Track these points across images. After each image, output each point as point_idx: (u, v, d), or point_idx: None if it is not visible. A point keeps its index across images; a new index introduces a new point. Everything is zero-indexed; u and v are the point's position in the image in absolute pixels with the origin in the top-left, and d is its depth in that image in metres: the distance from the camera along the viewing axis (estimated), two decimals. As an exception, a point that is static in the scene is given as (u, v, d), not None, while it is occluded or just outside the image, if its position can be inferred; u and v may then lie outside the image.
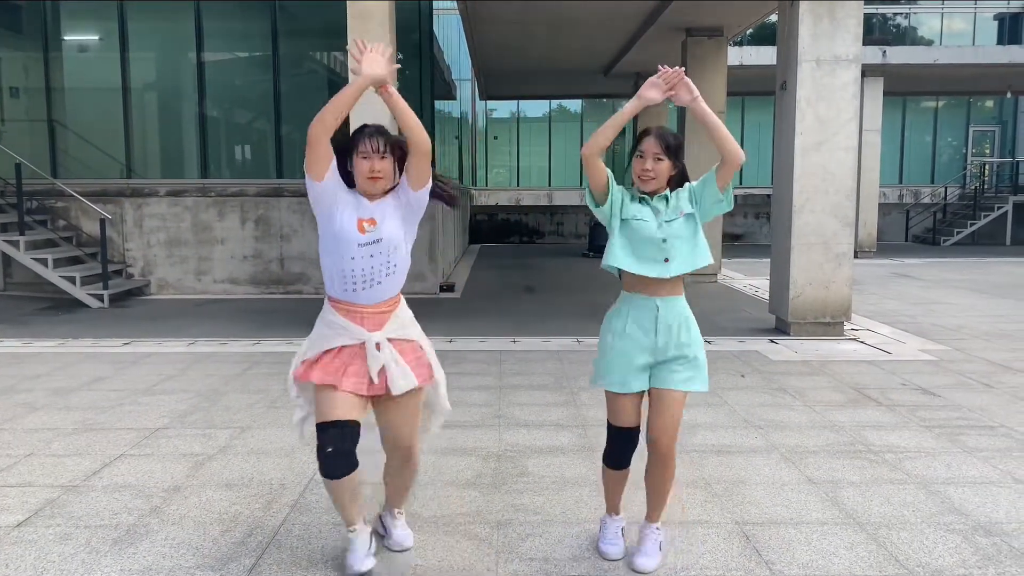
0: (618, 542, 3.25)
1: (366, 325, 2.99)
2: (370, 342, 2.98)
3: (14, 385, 6.04)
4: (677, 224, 3.05)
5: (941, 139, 25.18)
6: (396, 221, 3.03)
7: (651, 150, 3.04)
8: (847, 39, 7.80)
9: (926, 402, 5.58)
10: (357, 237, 2.96)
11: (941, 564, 3.16)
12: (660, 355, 3.06)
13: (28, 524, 3.52)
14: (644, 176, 3.05)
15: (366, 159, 2.96)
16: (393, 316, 3.06)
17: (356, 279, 2.97)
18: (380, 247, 2.98)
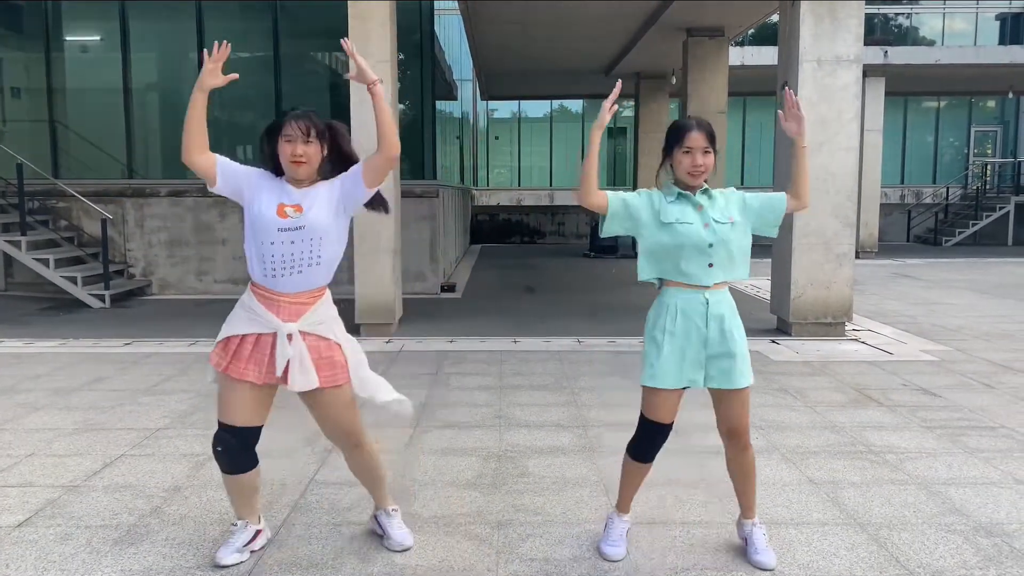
0: (621, 544, 3.24)
1: (281, 314, 2.94)
2: (281, 333, 2.92)
3: (15, 385, 6.05)
4: (726, 228, 3.03)
5: (943, 139, 25.16)
6: (326, 211, 2.98)
7: (699, 144, 3.00)
8: (848, 39, 7.79)
9: (927, 403, 5.57)
10: (277, 222, 2.92)
11: (942, 565, 3.16)
12: (712, 348, 3.04)
13: (29, 524, 3.53)
14: (695, 171, 3.01)
15: (289, 142, 2.93)
16: (312, 309, 2.99)
17: (276, 264, 2.92)
18: (303, 234, 2.93)
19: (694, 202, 3.05)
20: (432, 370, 6.57)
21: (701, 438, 4.74)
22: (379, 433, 4.84)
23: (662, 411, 3.11)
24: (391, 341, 7.83)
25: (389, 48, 8.07)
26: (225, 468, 3.08)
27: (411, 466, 4.28)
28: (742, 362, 3.05)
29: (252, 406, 2.99)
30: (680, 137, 3.02)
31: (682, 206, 3.05)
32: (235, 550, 3.15)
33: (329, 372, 3.01)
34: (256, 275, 2.99)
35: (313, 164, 2.99)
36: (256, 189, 3.00)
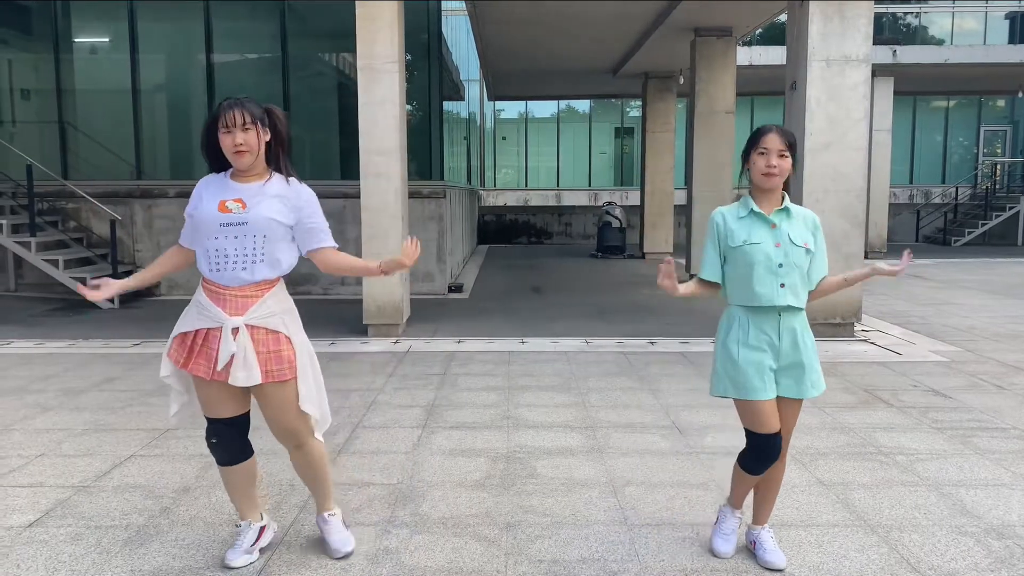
0: (732, 539, 3.25)
1: (227, 308, 2.90)
2: (226, 327, 2.89)
3: (25, 385, 6.07)
4: (797, 252, 3.00)
5: (952, 139, 25.05)
6: (273, 211, 2.93)
7: (775, 146, 2.98)
8: (857, 39, 7.76)
9: (937, 404, 5.55)
10: (218, 217, 2.89)
11: (954, 567, 3.14)
12: (783, 359, 3.03)
13: (39, 524, 3.54)
14: (769, 172, 2.98)
15: (228, 133, 2.88)
16: (259, 302, 2.93)
17: (219, 259, 2.91)
18: (245, 230, 2.89)
19: (767, 220, 3.03)
20: (440, 371, 6.57)
21: (711, 439, 4.73)
22: (385, 434, 4.86)
23: (767, 421, 3.03)
24: (399, 342, 7.83)
25: (397, 49, 8.08)
26: (221, 459, 3.09)
27: (420, 467, 4.28)
28: (812, 373, 3.05)
29: (227, 397, 2.99)
30: (757, 139, 3.02)
31: (751, 224, 3.04)
32: (243, 551, 3.15)
33: (275, 366, 2.94)
34: (203, 270, 2.97)
35: (255, 150, 2.92)
36: (198, 198, 3.00)
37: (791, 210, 3.06)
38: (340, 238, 11.51)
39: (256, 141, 2.92)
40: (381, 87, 8.05)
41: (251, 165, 2.95)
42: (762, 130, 3.04)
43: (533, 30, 12.66)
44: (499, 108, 26.97)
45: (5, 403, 5.57)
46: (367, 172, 8.10)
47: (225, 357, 2.88)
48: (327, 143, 12.38)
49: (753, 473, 3.14)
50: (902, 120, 23.05)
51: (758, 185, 3.04)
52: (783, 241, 3.00)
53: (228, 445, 3.06)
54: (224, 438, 3.04)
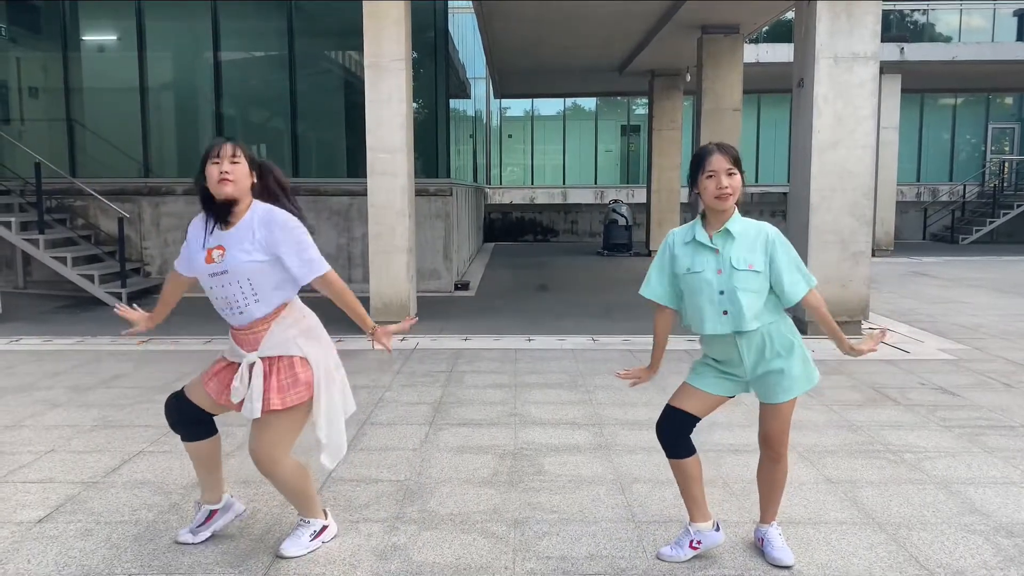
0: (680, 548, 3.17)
1: (244, 346, 3.04)
2: (244, 363, 3.01)
3: (35, 382, 6.10)
4: (742, 276, 2.92)
5: (959, 136, 24.94)
6: (250, 254, 2.94)
7: (722, 166, 2.92)
8: (865, 36, 7.74)
9: (945, 402, 5.53)
10: (206, 268, 2.98)
11: (962, 565, 3.13)
12: (752, 374, 3.05)
13: (50, 520, 3.56)
14: (723, 194, 2.92)
15: (216, 164, 2.93)
16: (268, 335, 3.01)
17: (221, 304, 3.03)
18: (228, 278, 2.94)
19: (709, 247, 2.98)
20: (446, 368, 6.58)
21: (718, 436, 4.73)
22: (393, 431, 4.87)
23: (683, 398, 3.12)
24: (405, 339, 7.84)
25: (403, 47, 8.09)
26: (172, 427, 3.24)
27: (427, 463, 4.29)
28: (786, 378, 3.02)
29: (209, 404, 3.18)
30: (701, 162, 2.97)
31: (694, 251, 3.00)
32: (189, 530, 3.30)
33: (296, 391, 3.01)
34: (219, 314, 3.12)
35: (240, 184, 2.94)
36: (191, 244, 3.09)
37: (733, 232, 2.97)
38: (347, 236, 11.55)
39: (244, 175, 2.96)
40: (388, 85, 8.06)
41: (234, 196, 2.94)
42: (704, 151, 2.98)
43: (540, 28, 12.65)
44: (505, 106, 26.96)
45: (15, 399, 5.60)
46: (374, 170, 8.11)
47: (237, 396, 3.03)
48: (333, 141, 12.40)
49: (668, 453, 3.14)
50: (909, 118, 22.97)
51: (712, 208, 2.98)
52: (724, 267, 2.94)
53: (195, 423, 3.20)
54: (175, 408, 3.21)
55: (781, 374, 3.01)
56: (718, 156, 2.94)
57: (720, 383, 3.12)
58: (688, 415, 3.10)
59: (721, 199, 2.94)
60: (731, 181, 2.94)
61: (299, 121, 11.67)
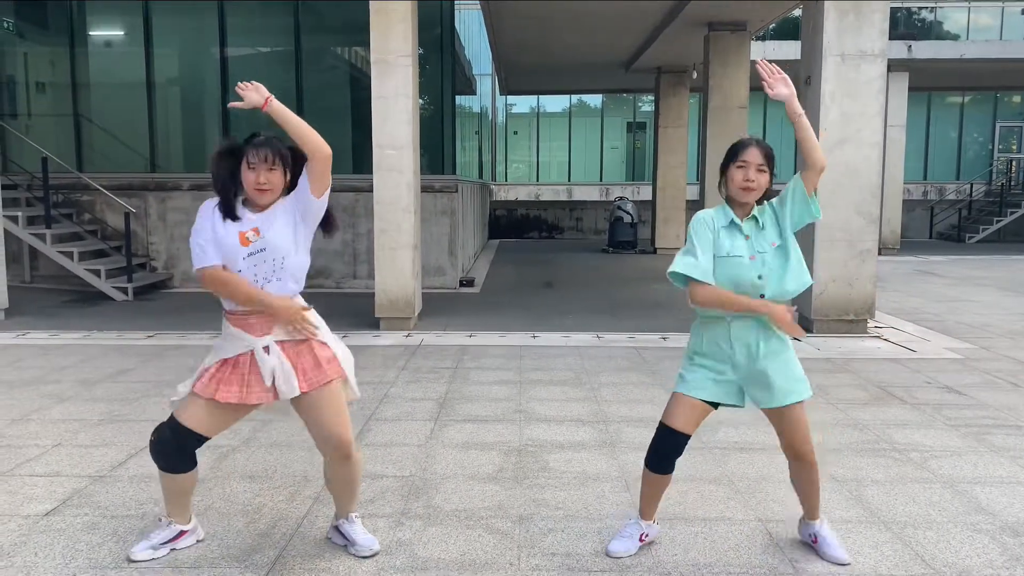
0: (629, 540, 3.20)
1: (254, 331, 2.98)
2: (257, 348, 2.97)
3: (42, 376, 6.13)
4: (769, 257, 3.00)
5: (967, 135, 24.84)
6: (285, 229, 2.99)
7: (754, 160, 2.97)
8: (873, 34, 7.71)
9: (952, 401, 5.52)
10: (241, 250, 2.95)
11: (968, 564, 3.13)
12: (744, 370, 3.02)
13: (56, 513, 3.57)
14: (747, 186, 2.97)
15: (252, 170, 2.93)
16: None
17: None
18: (264, 256, 2.96)
19: (743, 232, 3.02)
20: (452, 364, 6.59)
21: (723, 434, 4.72)
22: (398, 427, 4.88)
23: (675, 416, 3.07)
24: (410, 335, 7.85)
25: (410, 43, 8.08)
26: (160, 464, 3.08)
27: (432, 459, 4.29)
28: (779, 379, 3.00)
29: (217, 422, 3.06)
30: (736, 152, 3.01)
31: (732, 236, 3.02)
32: (150, 546, 3.14)
33: (314, 374, 3.01)
34: (228, 304, 3.02)
35: (276, 192, 3.00)
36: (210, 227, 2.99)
37: (760, 219, 3.04)
38: (352, 232, 11.56)
39: (279, 182, 2.99)
40: (394, 81, 8.06)
41: (271, 202, 3.00)
42: (743, 143, 3.03)
43: (546, 25, 12.64)
44: (511, 102, 26.93)
45: (22, 393, 5.62)
46: (380, 166, 8.11)
47: (268, 373, 2.96)
48: (340, 137, 12.39)
49: (650, 467, 3.13)
50: (916, 116, 22.88)
51: (734, 198, 3.03)
52: (755, 252, 2.99)
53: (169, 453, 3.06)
54: (166, 444, 3.05)
55: (777, 372, 2.99)
56: (754, 149, 2.99)
57: (710, 386, 3.06)
58: (681, 435, 3.07)
59: (745, 191, 2.99)
60: (759, 177, 2.98)
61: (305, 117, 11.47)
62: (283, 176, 3.00)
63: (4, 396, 5.54)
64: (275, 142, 2.98)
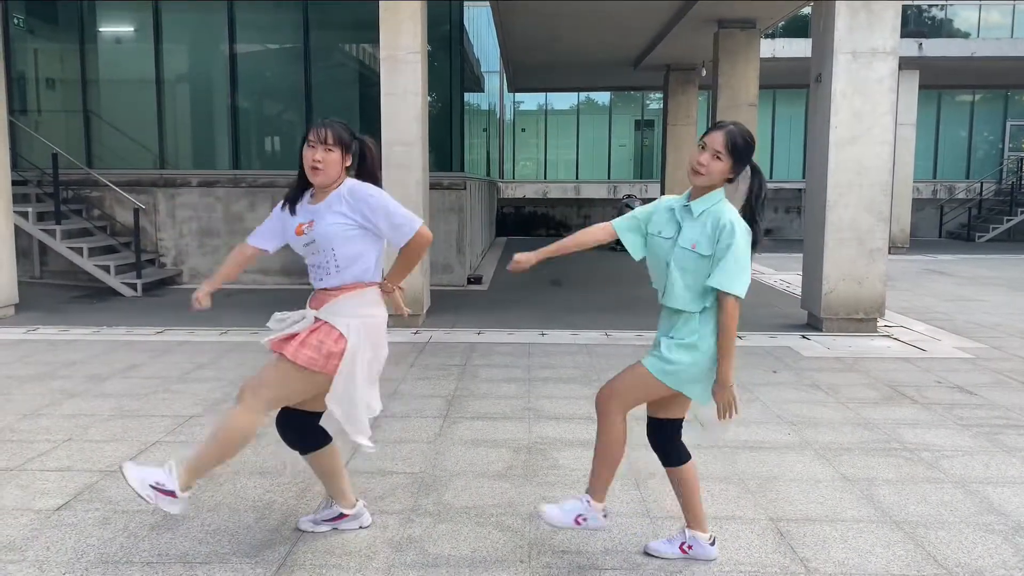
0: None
1: (312, 304, 3.13)
2: (308, 316, 3.09)
3: (52, 371, 6.15)
4: (682, 253, 2.91)
5: (977, 133, 24.70)
6: (336, 223, 3.03)
7: (713, 144, 2.87)
8: (884, 31, 7.67)
9: (963, 400, 5.49)
10: (297, 240, 3.13)
11: (981, 565, 3.11)
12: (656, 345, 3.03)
13: (68, 508, 3.58)
14: (695, 168, 2.90)
15: (311, 148, 3.01)
16: (335, 300, 3.08)
17: (313, 271, 3.15)
18: (315, 247, 3.07)
19: (679, 219, 2.96)
20: (460, 361, 6.58)
21: (732, 433, 4.71)
22: (407, 424, 4.88)
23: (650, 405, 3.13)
24: (419, 332, 7.85)
25: (419, 40, 8.08)
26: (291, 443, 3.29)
27: (442, 456, 4.29)
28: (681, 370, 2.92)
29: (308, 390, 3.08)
30: (705, 132, 2.97)
31: (670, 219, 3.00)
32: (313, 520, 3.36)
33: (314, 353, 2.98)
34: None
35: (330, 173, 3.03)
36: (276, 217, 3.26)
37: (694, 210, 2.92)
38: (361, 229, 11.48)
39: (335, 164, 3.03)
40: (404, 78, 8.05)
41: (324, 184, 3.05)
42: (715, 125, 2.94)
43: (555, 23, 12.61)
44: (518, 100, 26.89)
45: (32, 388, 5.64)
46: (389, 163, 8.11)
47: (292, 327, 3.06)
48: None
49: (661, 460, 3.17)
50: (926, 114, 22.76)
51: (689, 179, 2.96)
52: (678, 240, 2.93)
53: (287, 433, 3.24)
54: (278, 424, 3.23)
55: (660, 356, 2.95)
56: (717, 133, 2.89)
57: None
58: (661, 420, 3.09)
59: (693, 173, 2.91)
60: (711, 163, 2.86)
61: (314, 114, 11.67)
62: (341, 159, 3.05)
63: (15, 391, 5.57)
64: (337, 125, 3.05)
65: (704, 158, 2.87)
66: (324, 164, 3.00)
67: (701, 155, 2.89)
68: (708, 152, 2.87)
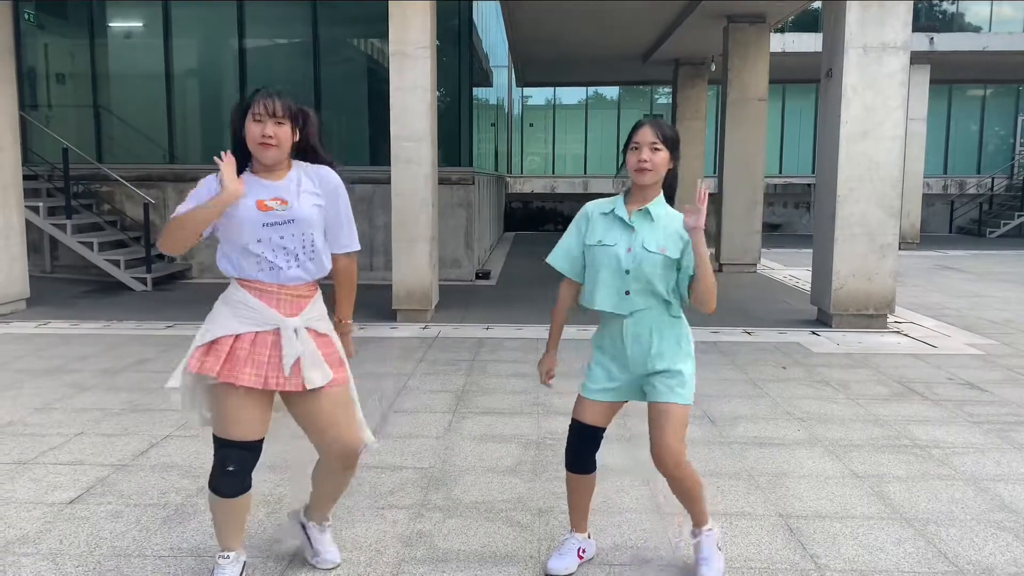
0: (568, 556, 3.00)
1: (281, 309, 2.65)
2: (286, 328, 2.63)
3: (63, 365, 6.18)
4: (652, 258, 2.80)
5: (988, 128, 24.55)
6: (314, 205, 2.71)
7: (646, 140, 2.80)
8: (896, 25, 7.62)
9: (974, 397, 5.47)
10: (260, 216, 2.63)
11: (992, 562, 3.10)
12: (637, 368, 2.87)
13: (80, 501, 3.61)
14: (641, 167, 2.80)
15: (258, 122, 2.63)
16: (312, 303, 2.74)
17: (269, 260, 2.65)
18: (292, 228, 2.66)
19: (626, 223, 2.86)
20: (469, 357, 6.59)
21: (742, 429, 4.71)
22: (416, 419, 4.89)
23: (583, 411, 2.97)
24: (427, 327, 7.86)
25: (428, 34, 8.07)
26: (229, 491, 2.69)
27: (451, 451, 4.30)
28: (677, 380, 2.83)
29: (259, 415, 2.67)
30: (630, 135, 2.87)
31: (609, 224, 2.88)
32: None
33: (340, 371, 2.77)
34: (247, 271, 2.68)
35: (283, 148, 2.68)
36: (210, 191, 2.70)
37: (652, 214, 2.85)
38: (369, 224, 11.59)
39: (287, 138, 2.68)
40: (413, 72, 8.05)
41: (277, 161, 2.70)
42: (636, 124, 2.88)
43: (564, 17, 12.58)
44: (527, 94, 26.86)
45: (44, 382, 5.67)
46: (397, 158, 8.11)
47: (290, 360, 2.63)
48: (357, 129, 12.43)
49: (569, 467, 2.99)
50: (937, 109, 22.62)
51: (635, 181, 2.87)
52: (635, 247, 2.82)
53: (244, 474, 2.70)
54: (244, 465, 2.68)
55: (671, 375, 2.83)
56: (645, 129, 2.83)
57: (608, 387, 2.93)
58: (592, 428, 2.95)
59: (639, 172, 2.82)
60: (653, 156, 2.81)
61: (323, 109, 11.69)
62: (291, 134, 2.69)
63: (27, 385, 5.60)
64: (284, 95, 2.69)
65: (645, 154, 2.81)
66: (276, 138, 2.63)
67: (640, 153, 2.82)
68: (645, 148, 2.82)
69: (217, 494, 2.70)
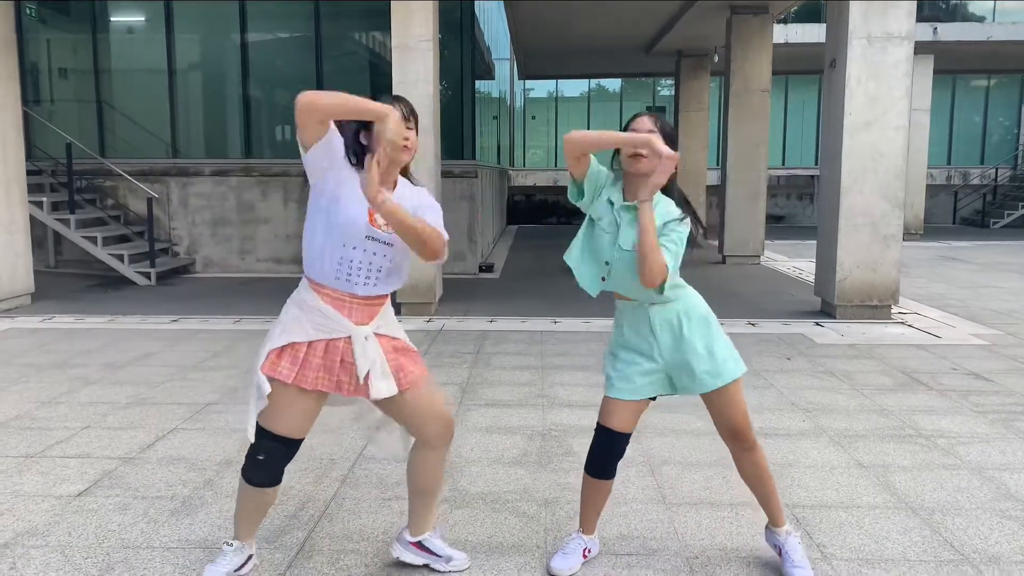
0: (572, 556, 2.96)
1: (353, 317, 2.62)
2: (358, 336, 2.61)
3: (68, 359, 6.20)
4: (623, 256, 2.78)
5: (992, 119, 24.45)
6: None
7: (644, 127, 2.76)
8: (900, 15, 7.60)
9: (978, 387, 5.47)
10: (368, 229, 2.57)
11: (998, 551, 3.11)
12: (669, 356, 2.82)
13: (88, 494, 3.62)
14: (637, 155, 2.73)
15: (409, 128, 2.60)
16: (383, 310, 2.71)
17: (353, 270, 2.59)
18: (388, 251, 2.62)
19: (618, 214, 2.81)
20: (473, 349, 6.60)
21: (747, 420, 4.71)
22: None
23: (612, 416, 2.89)
24: (431, 320, 7.87)
25: (431, 27, 8.05)
26: (259, 480, 2.70)
27: (457, 443, 4.30)
28: (709, 363, 2.79)
29: (311, 417, 2.71)
30: (627, 124, 2.84)
31: (609, 209, 2.84)
32: (223, 572, 2.76)
33: (408, 370, 2.74)
34: (325, 276, 2.61)
35: (414, 155, 2.69)
36: (344, 180, 2.59)
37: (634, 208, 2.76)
38: (373, 217, 11.52)
39: (416, 145, 2.67)
40: (415, 66, 8.04)
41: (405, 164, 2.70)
42: (634, 116, 2.84)
43: (566, 9, 12.54)
44: (529, 87, 26.79)
45: (50, 376, 5.69)
46: (401, 151, 8.10)
47: (363, 370, 2.61)
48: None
49: (591, 472, 2.94)
50: (941, 99, 22.55)
51: (627, 170, 2.81)
52: (619, 241, 2.79)
53: (277, 468, 2.72)
54: (278, 459, 2.70)
55: (702, 356, 2.79)
56: (643, 118, 2.80)
57: (639, 383, 2.86)
58: (620, 435, 2.88)
59: (635, 161, 2.75)
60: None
61: (325, 102, 11.68)
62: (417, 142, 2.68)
63: (33, 379, 5.62)
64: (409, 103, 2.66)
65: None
66: (412, 143, 2.61)
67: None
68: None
69: (248, 482, 2.73)
